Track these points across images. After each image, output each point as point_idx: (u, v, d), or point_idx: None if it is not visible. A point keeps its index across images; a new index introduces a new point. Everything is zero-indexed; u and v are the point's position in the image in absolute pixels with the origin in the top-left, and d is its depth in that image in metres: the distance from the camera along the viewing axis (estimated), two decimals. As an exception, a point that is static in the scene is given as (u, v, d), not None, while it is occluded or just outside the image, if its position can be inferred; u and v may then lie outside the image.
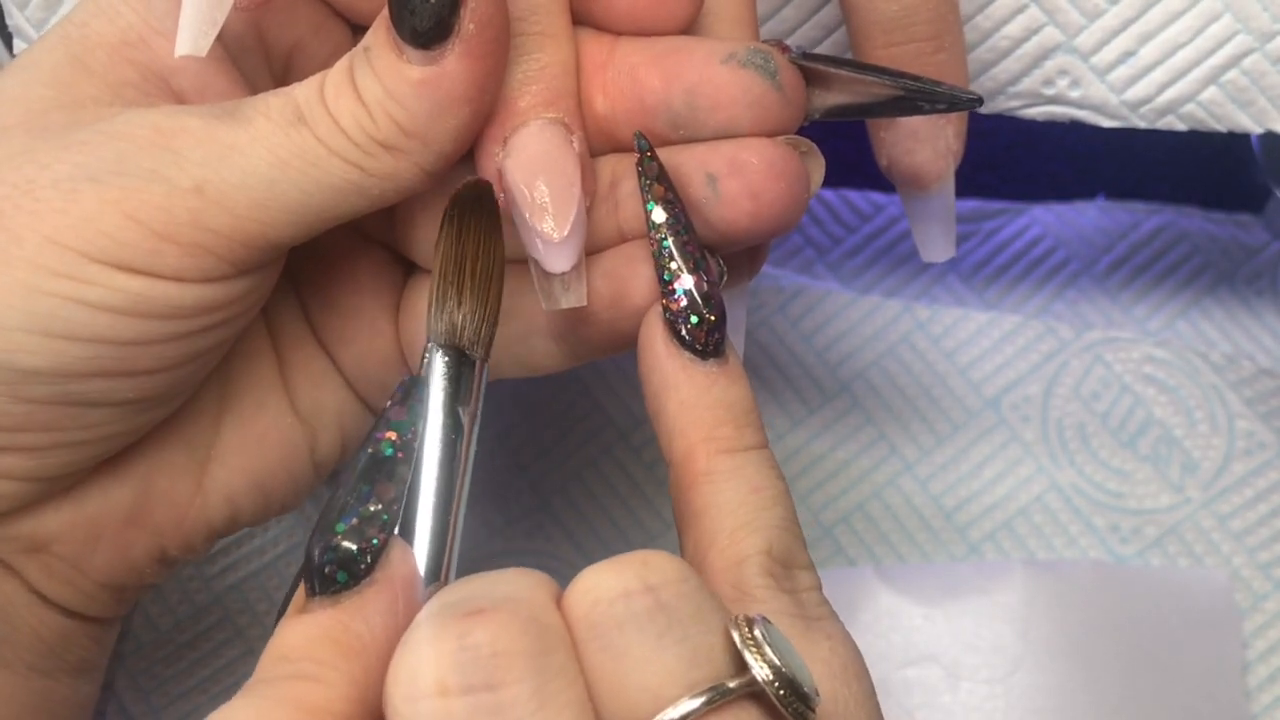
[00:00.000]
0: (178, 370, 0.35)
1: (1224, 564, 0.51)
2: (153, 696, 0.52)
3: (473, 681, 0.27)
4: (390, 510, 0.30)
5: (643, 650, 0.28)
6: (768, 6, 0.44)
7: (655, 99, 0.36)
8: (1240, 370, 0.53)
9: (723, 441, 0.34)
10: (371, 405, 0.40)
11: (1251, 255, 0.56)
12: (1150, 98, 0.44)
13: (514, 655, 0.27)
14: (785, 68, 0.36)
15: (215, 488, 0.38)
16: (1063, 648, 0.49)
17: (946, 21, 0.39)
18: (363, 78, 0.33)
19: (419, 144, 0.34)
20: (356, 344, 0.40)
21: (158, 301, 0.34)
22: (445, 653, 0.27)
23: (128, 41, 0.36)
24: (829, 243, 0.58)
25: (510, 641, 0.27)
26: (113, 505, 0.37)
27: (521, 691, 0.27)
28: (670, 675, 0.28)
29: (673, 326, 0.34)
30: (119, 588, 0.38)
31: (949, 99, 0.37)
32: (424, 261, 0.39)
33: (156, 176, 0.33)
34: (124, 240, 0.33)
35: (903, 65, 0.39)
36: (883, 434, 0.53)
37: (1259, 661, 0.50)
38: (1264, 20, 0.42)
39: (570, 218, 0.34)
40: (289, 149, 0.33)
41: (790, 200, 0.36)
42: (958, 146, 0.41)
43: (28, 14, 0.44)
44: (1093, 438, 0.53)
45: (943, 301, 0.55)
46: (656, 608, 0.29)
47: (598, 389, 0.54)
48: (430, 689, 0.27)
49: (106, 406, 0.35)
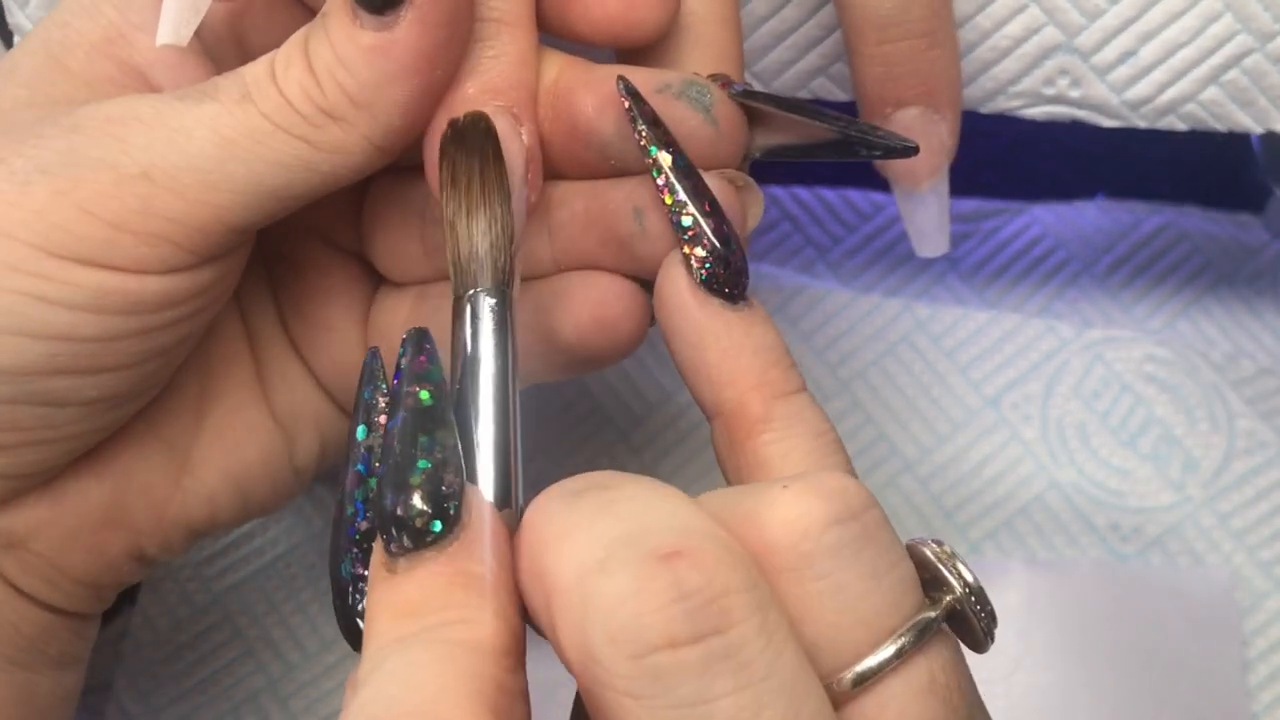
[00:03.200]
0: (142, 366, 0.35)
1: (1224, 562, 0.51)
2: (153, 696, 0.52)
3: (702, 629, 0.26)
4: (454, 454, 0.29)
5: (860, 583, 0.28)
6: (768, 6, 0.44)
7: (588, 125, 0.35)
8: (1240, 369, 0.53)
9: (775, 386, 0.33)
10: (347, 411, 0.40)
11: (1251, 255, 0.56)
12: (1151, 97, 0.44)
13: (733, 594, 0.26)
14: (722, 103, 0.35)
15: (194, 488, 0.38)
16: (1063, 647, 0.49)
17: (940, 18, 0.39)
18: (316, 44, 0.33)
19: (366, 115, 0.33)
20: (329, 353, 0.40)
21: (116, 295, 0.33)
22: (666, 602, 0.26)
23: (108, 38, 0.36)
24: (829, 242, 0.58)
25: (725, 580, 0.26)
26: (90, 504, 0.37)
27: (749, 629, 0.26)
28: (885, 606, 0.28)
29: (699, 274, 0.33)
30: (97, 585, 0.38)
31: (884, 146, 0.36)
32: (386, 272, 0.39)
33: (103, 164, 0.33)
34: (78, 233, 0.33)
35: (896, 62, 0.39)
36: (883, 434, 0.53)
37: (1259, 660, 0.50)
38: (1264, 20, 0.42)
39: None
40: (234, 127, 0.33)
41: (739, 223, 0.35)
42: (951, 144, 0.41)
43: (28, 12, 0.44)
44: (1093, 437, 0.53)
45: (943, 301, 0.55)
46: (865, 536, 0.28)
47: (598, 389, 0.54)
48: (658, 642, 0.26)
49: (72, 405, 0.35)
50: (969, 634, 0.29)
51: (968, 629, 0.29)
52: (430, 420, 0.30)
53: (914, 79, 0.40)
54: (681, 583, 0.26)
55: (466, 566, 0.29)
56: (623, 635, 0.26)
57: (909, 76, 0.40)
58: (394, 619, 0.28)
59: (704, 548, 0.26)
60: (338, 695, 0.52)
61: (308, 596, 0.53)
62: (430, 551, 0.29)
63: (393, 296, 0.39)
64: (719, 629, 0.26)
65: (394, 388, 0.31)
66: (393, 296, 0.39)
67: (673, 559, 0.26)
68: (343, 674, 0.52)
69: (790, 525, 0.28)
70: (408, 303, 0.39)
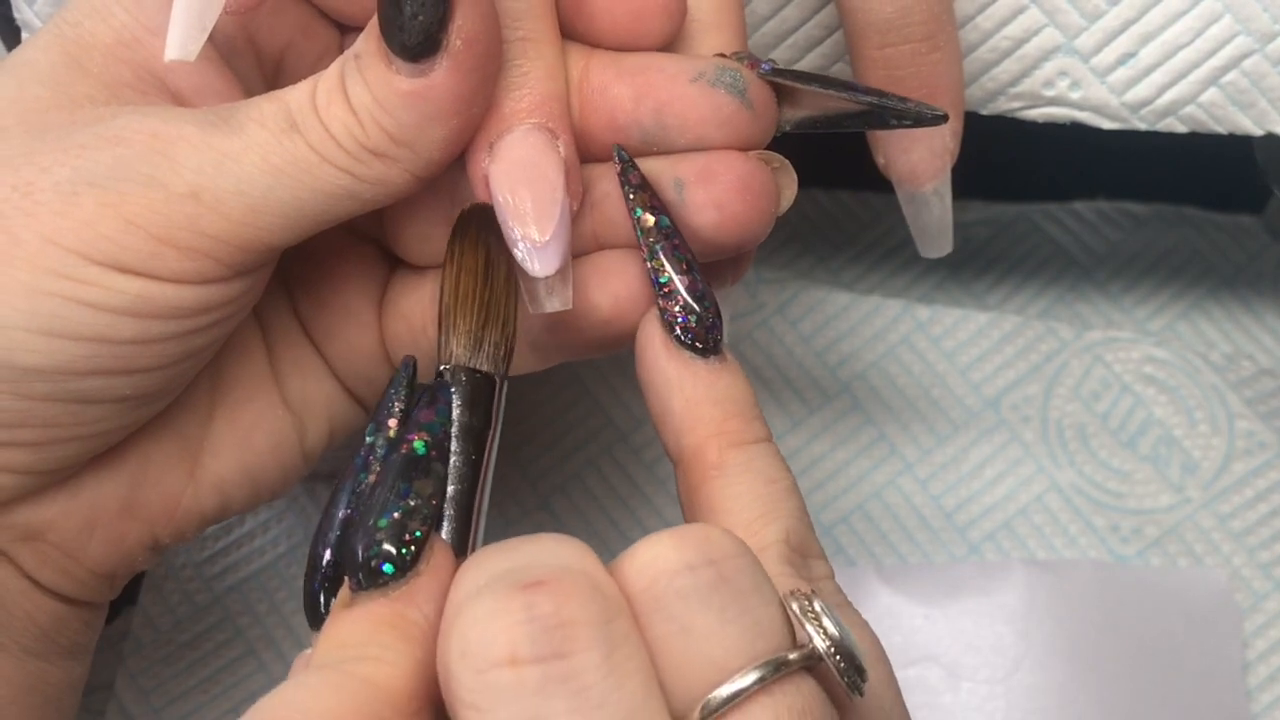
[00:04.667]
0: (174, 367, 0.36)
1: (1224, 564, 0.51)
2: (152, 696, 0.52)
3: (543, 651, 0.27)
4: (429, 505, 0.31)
5: (707, 624, 0.29)
6: (769, 6, 0.44)
7: (626, 117, 0.36)
8: (1240, 370, 0.53)
9: (732, 435, 0.34)
10: (358, 398, 0.41)
11: (1251, 255, 0.56)
12: (1150, 99, 0.44)
13: (581, 624, 0.27)
14: (755, 85, 0.36)
15: (207, 478, 0.39)
16: (1063, 648, 0.49)
17: (940, 22, 0.40)
18: (353, 86, 0.34)
19: (408, 152, 0.34)
20: (343, 339, 0.40)
21: (156, 302, 0.34)
22: (513, 623, 0.27)
23: (122, 41, 0.36)
24: (829, 244, 0.58)
25: (577, 610, 0.27)
26: (107, 496, 0.38)
27: (591, 658, 0.27)
28: (734, 648, 0.29)
29: (671, 327, 0.35)
30: (111, 574, 0.39)
31: (914, 115, 0.37)
32: (410, 257, 0.40)
33: (154, 182, 0.34)
34: (123, 243, 0.33)
35: (898, 65, 0.40)
36: (883, 434, 0.53)
37: (1259, 661, 0.50)
38: (1264, 21, 0.42)
39: (552, 222, 0.35)
40: (283, 156, 0.34)
41: (756, 214, 0.36)
42: (954, 145, 0.41)
43: (36, 9, 0.44)
44: (1093, 438, 0.53)
45: (942, 302, 0.56)
46: (719, 581, 0.29)
47: (598, 389, 0.54)
48: (500, 658, 0.27)
49: (104, 403, 0.35)
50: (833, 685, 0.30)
51: (831, 681, 0.30)
52: (414, 468, 0.31)
53: (915, 82, 0.40)
54: (531, 607, 0.27)
55: (403, 610, 0.30)
56: (471, 650, 0.27)
57: (910, 80, 0.40)
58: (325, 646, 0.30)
59: (565, 581, 0.28)
60: (338, 695, 0.52)
61: (308, 596, 0.53)
62: (377, 592, 0.30)
63: (413, 280, 0.40)
64: (560, 653, 0.27)
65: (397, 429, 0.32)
66: (413, 280, 0.40)
67: (531, 587, 0.28)
68: (343, 674, 0.52)
69: (642, 570, 0.29)
70: (429, 286, 0.39)
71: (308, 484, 0.54)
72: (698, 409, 0.34)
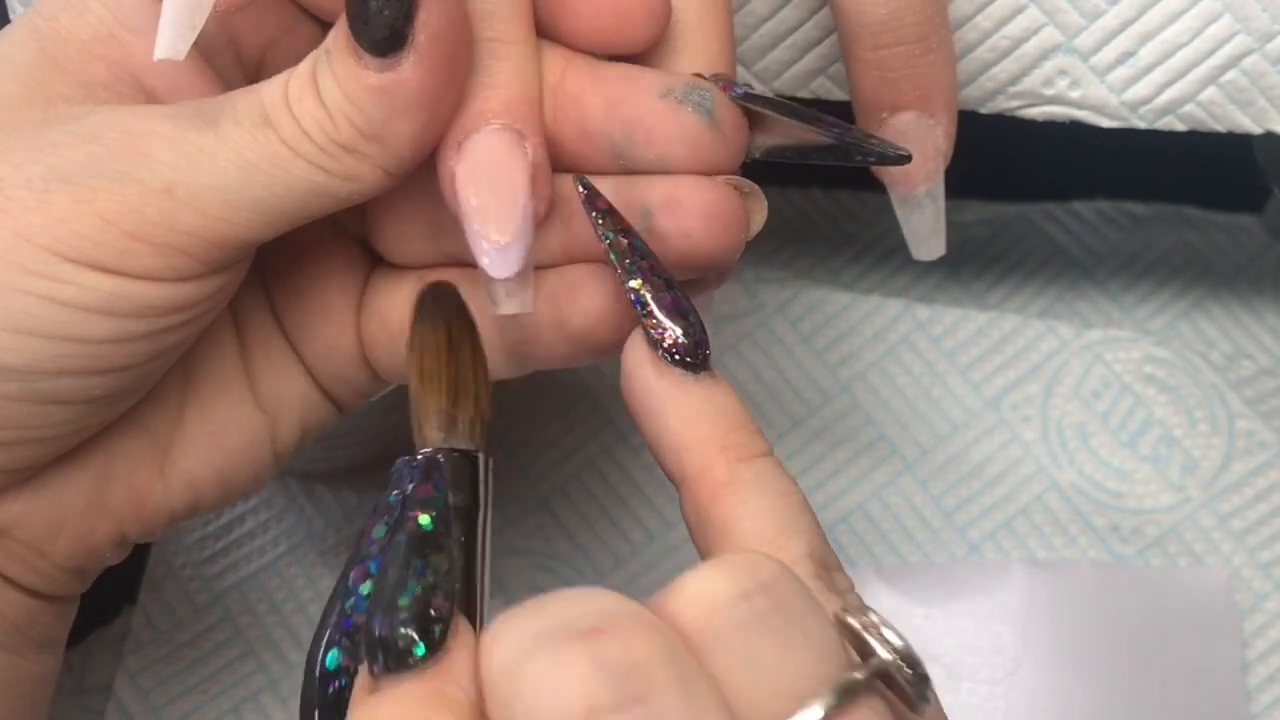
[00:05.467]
0: (146, 366, 0.36)
1: (1224, 564, 0.51)
2: (152, 696, 0.52)
3: (623, 696, 0.26)
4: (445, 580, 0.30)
5: (773, 651, 0.28)
6: (768, 7, 0.44)
7: (597, 127, 0.36)
8: (1240, 370, 0.53)
9: (739, 449, 0.33)
10: (332, 397, 0.41)
11: (1251, 255, 0.56)
12: (1150, 98, 0.44)
13: (654, 663, 0.26)
14: (724, 106, 0.36)
15: (176, 475, 0.39)
16: (1063, 648, 0.49)
17: (934, 24, 0.39)
18: (324, 81, 0.34)
19: (378, 147, 0.34)
20: (320, 337, 0.40)
21: (129, 300, 0.34)
22: (585, 674, 0.26)
23: (98, 38, 0.36)
24: (829, 244, 0.58)
25: (644, 650, 0.26)
26: (74, 493, 0.37)
27: (671, 698, 0.26)
28: (802, 674, 0.28)
29: (658, 346, 0.34)
30: (80, 569, 0.39)
31: (878, 154, 0.36)
32: (389, 254, 0.39)
33: (128, 178, 0.34)
34: (97, 240, 0.33)
35: (891, 67, 0.40)
36: (883, 434, 0.53)
37: (1259, 661, 0.50)
38: (1264, 20, 0.42)
39: (513, 224, 0.34)
40: (256, 151, 0.34)
41: (722, 242, 0.35)
42: (946, 147, 0.41)
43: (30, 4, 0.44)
44: (1093, 437, 0.53)
45: (942, 302, 0.56)
46: (776, 607, 0.28)
47: (598, 389, 0.54)
48: (578, 713, 0.26)
49: (75, 403, 0.35)
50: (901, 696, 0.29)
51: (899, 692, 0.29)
52: (426, 544, 0.30)
53: (909, 84, 0.40)
54: (599, 654, 0.26)
55: (442, 688, 0.29)
56: (543, 709, 0.26)
57: (904, 81, 0.40)
58: None
59: (622, 624, 0.27)
60: (338, 695, 0.52)
61: (309, 596, 0.53)
62: (410, 674, 0.29)
63: (392, 280, 0.39)
64: (640, 697, 0.26)
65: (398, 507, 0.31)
66: (392, 280, 0.39)
67: (592, 634, 0.26)
68: (343, 674, 0.52)
69: (693, 604, 0.28)
70: (408, 287, 0.39)
71: (307, 485, 0.54)
72: (699, 425, 0.34)
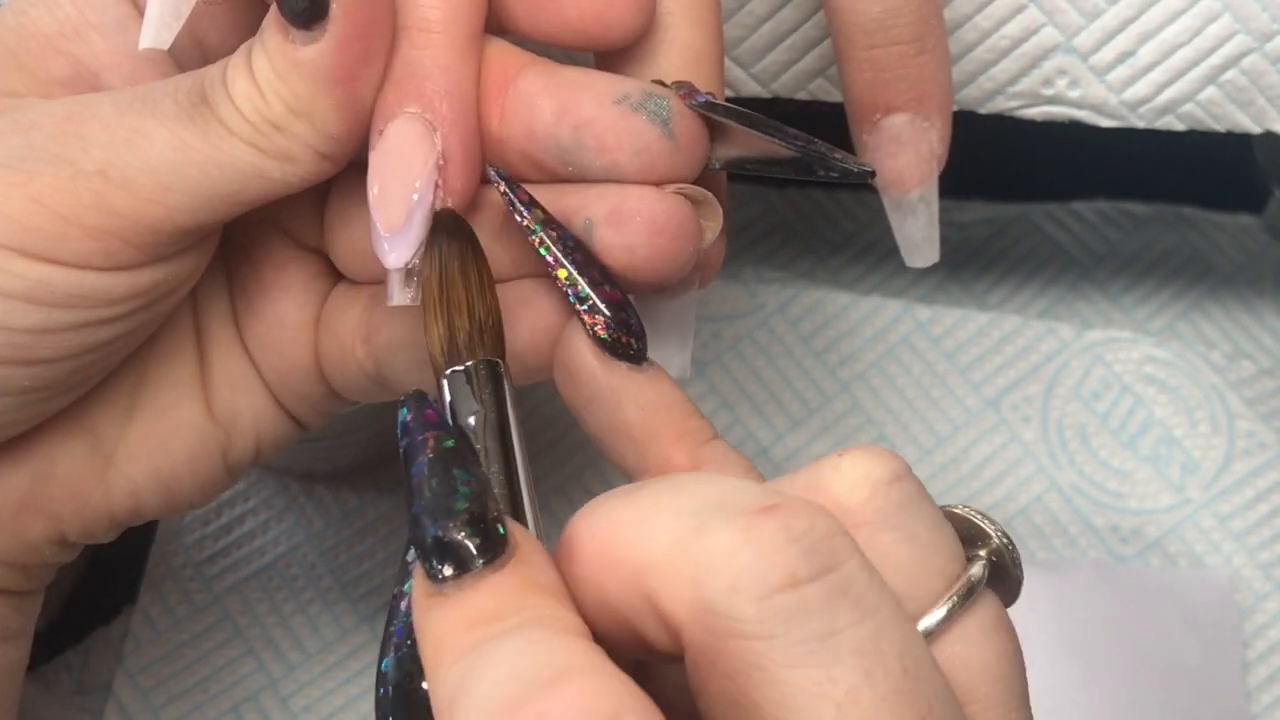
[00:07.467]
0: (77, 360, 0.35)
1: (1224, 564, 0.51)
2: (152, 696, 0.52)
3: (819, 566, 0.27)
4: (489, 485, 0.30)
5: (927, 533, 0.30)
6: (767, 7, 0.44)
7: (545, 130, 0.35)
8: (1240, 370, 0.53)
9: (698, 433, 0.34)
10: (290, 413, 0.40)
11: (1251, 255, 0.56)
12: (1149, 98, 0.44)
13: (836, 535, 0.28)
14: (681, 116, 0.35)
15: (119, 481, 0.38)
16: (1063, 648, 0.49)
17: (929, 24, 0.39)
18: (256, 58, 0.34)
19: (306, 125, 0.34)
20: (278, 351, 0.39)
21: (57, 289, 0.33)
22: (780, 545, 0.27)
23: (63, 33, 0.36)
24: (829, 244, 0.58)
25: (825, 524, 0.28)
26: (7, 489, 0.37)
27: (856, 566, 0.27)
28: (951, 551, 0.30)
29: (601, 340, 0.34)
30: (21, 565, 0.38)
31: (841, 169, 0.36)
32: (345, 268, 0.39)
33: (62, 160, 0.33)
34: (27, 225, 0.33)
35: (886, 67, 0.39)
36: (883, 435, 0.53)
37: (1259, 661, 0.50)
38: (1263, 20, 0.42)
39: (401, 214, 0.34)
40: (191, 131, 0.34)
41: (669, 256, 0.35)
42: (940, 151, 0.41)
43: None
44: (1093, 438, 0.53)
45: (943, 302, 0.56)
46: (921, 493, 0.30)
47: (598, 389, 0.54)
48: (781, 583, 0.27)
49: (4, 395, 0.34)
50: (1006, 580, 0.31)
51: (1004, 575, 0.31)
52: (459, 457, 0.30)
53: (903, 84, 0.39)
54: (789, 528, 0.27)
55: (532, 574, 0.29)
56: (743, 581, 0.27)
57: (898, 82, 0.39)
58: (468, 629, 0.28)
59: (793, 502, 0.28)
60: (338, 695, 0.52)
61: (309, 596, 0.53)
62: (488, 570, 0.28)
63: (347, 295, 0.39)
64: (832, 566, 0.27)
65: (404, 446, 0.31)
66: (347, 295, 0.39)
67: (771, 510, 0.27)
68: (343, 674, 0.52)
69: (858, 485, 0.30)
70: (361, 302, 0.38)
71: (307, 485, 0.54)
72: (657, 414, 0.34)
